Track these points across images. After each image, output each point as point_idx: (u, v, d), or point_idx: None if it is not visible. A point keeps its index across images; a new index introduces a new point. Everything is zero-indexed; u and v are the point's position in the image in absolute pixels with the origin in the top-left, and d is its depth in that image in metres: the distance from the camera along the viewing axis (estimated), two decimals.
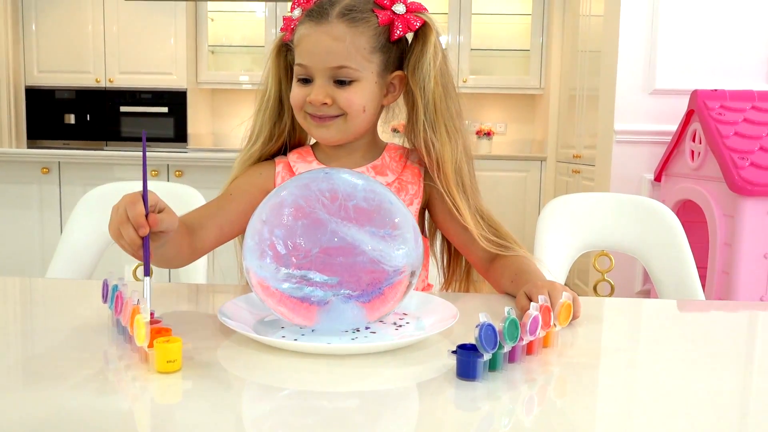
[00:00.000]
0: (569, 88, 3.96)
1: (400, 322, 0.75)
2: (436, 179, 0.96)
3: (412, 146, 1.02)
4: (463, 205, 0.95)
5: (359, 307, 0.66)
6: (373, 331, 0.71)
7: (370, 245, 0.65)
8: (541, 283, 0.81)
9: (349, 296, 0.65)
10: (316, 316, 0.67)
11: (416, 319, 0.77)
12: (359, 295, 0.65)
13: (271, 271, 0.66)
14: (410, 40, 0.98)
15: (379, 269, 0.65)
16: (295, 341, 0.66)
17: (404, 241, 0.67)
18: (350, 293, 0.65)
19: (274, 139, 1.02)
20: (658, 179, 2.76)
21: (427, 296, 0.83)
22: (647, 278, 2.78)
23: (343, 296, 0.65)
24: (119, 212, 0.72)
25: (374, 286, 0.66)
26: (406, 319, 0.76)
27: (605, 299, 0.96)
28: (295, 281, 0.65)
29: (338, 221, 0.65)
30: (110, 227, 0.74)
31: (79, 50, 4.56)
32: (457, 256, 1.07)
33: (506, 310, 0.62)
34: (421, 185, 1.01)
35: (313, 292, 0.65)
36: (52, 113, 4.65)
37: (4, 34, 4.40)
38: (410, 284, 0.70)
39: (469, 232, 0.95)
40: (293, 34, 0.96)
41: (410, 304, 0.79)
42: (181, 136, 4.62)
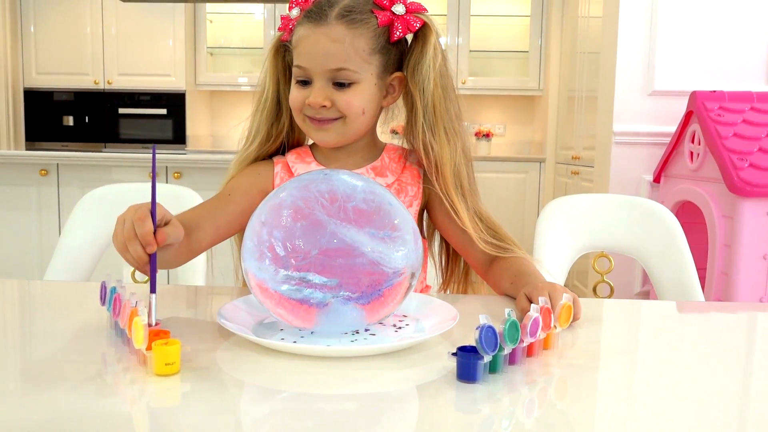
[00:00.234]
0: (568, 89, 3.97)
1: (399, 324, 0.75)
2: (434, 182, 0.96)
3: (411, 148, 1.01)
4: (461, 207, 0.95)
5: (359, 309, 0.66)
6: (372, 333, 0.71)
7: (369, 247, 0.65)
8: (541, 284, 0.81)
9: (348, 298, 0.65)
10: (315, 318, 0.66)
11: (416, 321, 0.76)
12: (359, 296, 0.65)
13: (270, 272, 0.65)
14: (410, 41, 0.97)
15: (378, 271, 0.65)
16: (294, 343, 0.66)
17: (404, 242, 0.67)
18: (350, 295, 0.65)
19: (271, 139, 1.02)
20: (657, 180, 2.76)
21: (426, 298, 0.83)
22: (646, 279, 2.78)
23: (342, 298, 0.65)
24: (126, 227, 0.71)
25: (374, 287, 0.65)
26: (405, 321, 0.76)
27: (605, 300, 0.96)
28: (294, 283, 0.64)
29: (338, 223, 0.65)
30: (115, 240, 0.72)
31: (77, 52, 4.56)
32: (455, 257, 1.07)
33: (506, 311, 0.61)
34: (420, 187, 1.00)
35: (312, 293, 0.64)
36: (50, 115, 4.65)
37: (2, 35, 4.39)
38: (410, 286, 0.70)
39: (468, 234, 0.95)
40: (291, 34, 0.95)
41: (410, 305, 0.79)
42: (179, 137, 4.62)
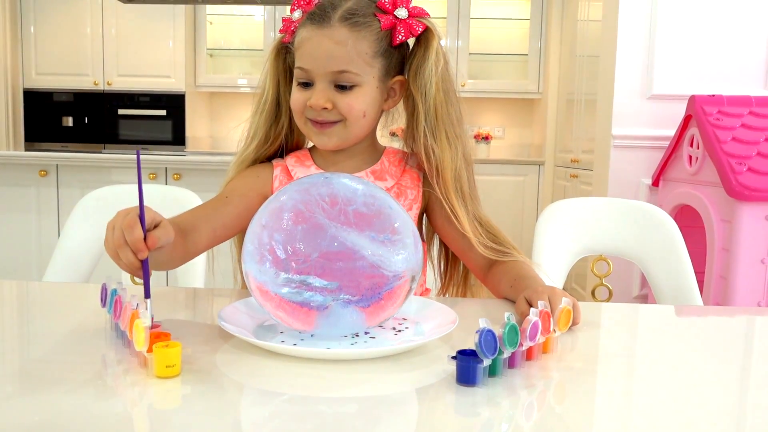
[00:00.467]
0: (567, 92, 3.97)
1: (399, 327, 0.75)
2: (435, 185, 0.96)
3: (411, 151, 1.02)
4: (461, 211, 0.95)
5: (359, 312, 0.66)
6: (372, 336, 0.71)
7: (369, 250, 0.65)
8: (541, 288, 0.81)
9: (348, 301, 0.65)
10: (315, 320, 0.67)
11: (415, 324, 0.77)
12: (359, 300, 0.65)
13: (270, 275, 0.65)
14: (411, 45, 0.97)
15: (378, 274, 0.65)
16: (294, 346, 0.66)
17: (404, 246, 0.67)
18: (350, 298, 0.65)
19: (269, 141, 1.01)
20: (655, 184, 2.76)
21: (426, 301, 0.83)
22: (645, 283, 2.78)
23: (342, 301, 0.65)
24: (116, 235, 0.71)
25: (374, 291, 0.65)
26: (405, 324, 0.76)
27: (603, 304, 0.96)
28: (294, 286, 0.65)
29: (338, 226, 0.65)
30: (106, 245, 0.73)
31: (77, 53, 4.56)
32: (454, 260, 1.07)
33: (506, 315, 0.62)
34: (420, 190, 1.00)
35: (312, 296, 0.65)
36: (50, 116, 4.64)
37: (2, 36, 4.39)
38: (410, 289, 0.70)
39: (467, 238, 0.95)
40: (293, 36, 0.95)
41: (410, 309, 0.79)
42: (179, 139, 4.62)
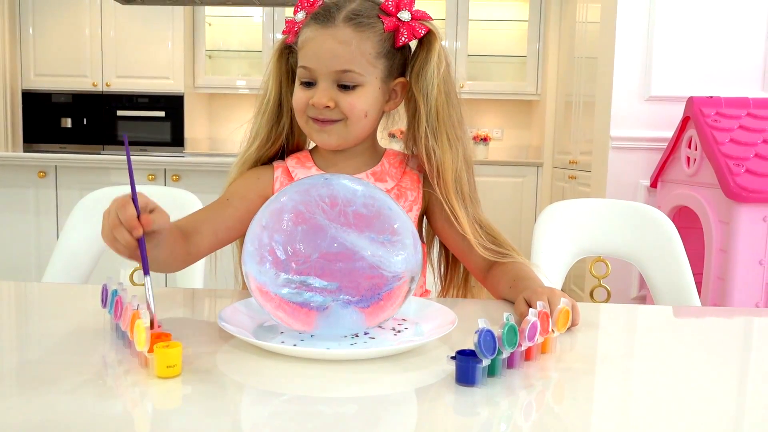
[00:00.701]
0: (565, 94, 3.98)
1: (399, 327, 0.75)
2: (435, 186, 0.96)
3: (411, 153, 1.02)
4: (461, 213, 0.95)
5: (358, 312, 0.66)
6: (372, 336, 0.72)
7: (369, 251, 0.65)
8: (540, 289, 0.82)
9: (348, 302, 0.65)
10: (315, 321, 0.67)
11: (415, 324, 0.77)
12: (358, 300, 0.66)
13: (270, 276, 0.66)
14: (413, 47, 0.98)
15: (378, 275, 0.65)
16: (294, 346, 0.66)
17: (403, 246, 0.68)
18: (349, 299, 0.65)
19: (271, 141, 1.02)
20: (654, 185, 2.77)
21: (425, 302, 0.83)
22: (643, 284, 2.78)
23: (342, 302, 0.65)
24: (111, 216, 0.72)
25: (373, 291, 0.66)
26: (404, 324, 0.77)
27: (602, 305, 0.96)
28: (294, 286, 0.65)
29: (338, 227, 0.65)
30: (103, 232, 0.74)
31: (76, 54, 4.56)
32: (454, 263, 1.07)
33: (505, 316, 0.62)
34: (420, 192, 1.01)
35: (312, 297, 0.65)
36: (48, 117, 4.64)
37: (1, 37, 4.39)
38: (409, 290, 0.70)
39: (467, 239, 0.95)
40: (297, 36, 0.96)
41: (409, 309, 0.80)
42: (178, 140, 4.62)
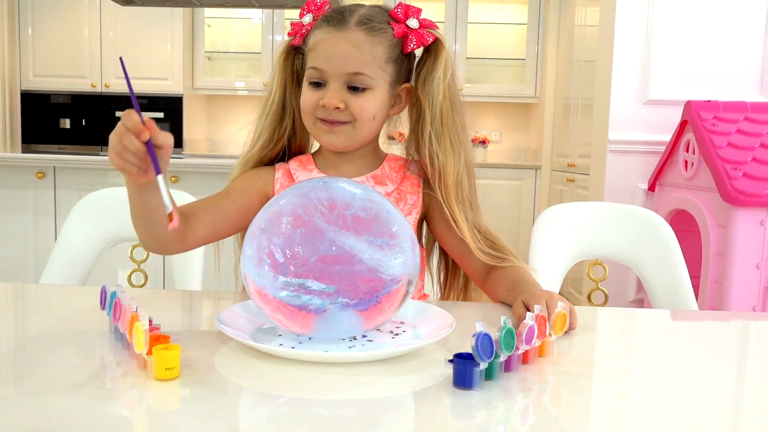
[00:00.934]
0: (564, 97, 3.99)
1: (396, 330, 0.76)
2: (436, 190, 0.97)
3: (412, 157, 1.03)
4: (461, 217, 0.96)
5: (356, 315, 0.67)
6: (370, 339, 0.72)
7: (367, 254, 0.65)
8: (538, 292, 0.82)
9: (346, 304, 0.66)
10: (313, 324, 0.67)
11: (413, 327, 0.77)
12: (356, 303, 0.66)
13: (269, 279, 0.66)
14: (419, 55, 1.00)
15: (376, 278, 0.66)
16: (292, 349, 0.66)
17: (402, 250, 0.68)
18: (348, 301, 0.65)
19: (273, 143, 1.03)
20: (651, 189, 2.77)
21: (423, 305, 0.83)
22: (641, 287, 2.79)
23: (340, 304, 0.66)
24: (117, 130, 0.73)
25: (371, 294, 0.66)
26: (402, 327, 0.77)
27: (599, 308, 0.96)
28: (292, 289, 0.65)
29: (336, 230, 0.65)
30: (110, 153, 0.75)
31: (75, 55, 4.56)
32: (454, 270, 1.08)
33: (503, 319, 0.62)
34: (420, 196, 1.01)
35: (310, 300, 0.65)
36: (47, 117, 4.64)
37: (0, 37, 4.39)
38: (407, 293, 0.70)
39: (466, 244, 0.96)
40: (305, 38, 0.97)
41: (407, 312, 0.80)
42: (176, 141, 4.54)
